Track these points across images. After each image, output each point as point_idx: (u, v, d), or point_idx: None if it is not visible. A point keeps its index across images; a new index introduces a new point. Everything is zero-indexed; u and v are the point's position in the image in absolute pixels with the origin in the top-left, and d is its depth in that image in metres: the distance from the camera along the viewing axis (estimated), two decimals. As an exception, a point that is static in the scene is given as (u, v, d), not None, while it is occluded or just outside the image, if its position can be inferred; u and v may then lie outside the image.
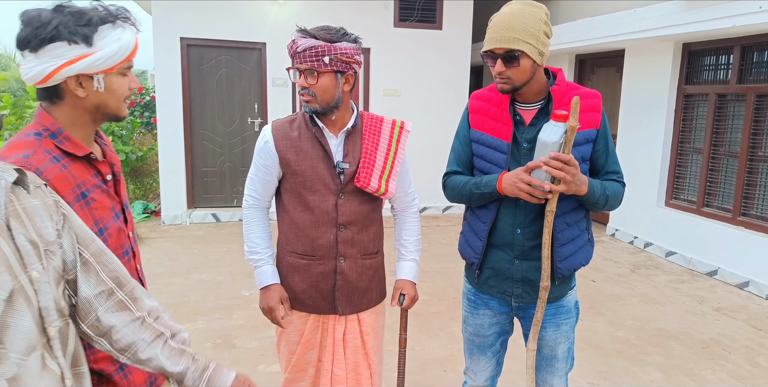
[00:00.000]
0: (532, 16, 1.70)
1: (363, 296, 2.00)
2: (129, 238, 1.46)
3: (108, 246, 1.30)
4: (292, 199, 1.93)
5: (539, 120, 1.81)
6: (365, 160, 1.92)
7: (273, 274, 1.96)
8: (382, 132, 1.99)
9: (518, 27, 1.68)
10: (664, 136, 5.79)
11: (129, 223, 1.47)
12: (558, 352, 1.95)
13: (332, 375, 1.99)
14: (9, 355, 0.92)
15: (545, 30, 1.72)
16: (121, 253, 1.40)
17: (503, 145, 1.83)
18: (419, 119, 7.22)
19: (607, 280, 4.96)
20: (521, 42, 1.68)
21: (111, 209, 1.39)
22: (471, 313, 2.03)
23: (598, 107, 1.84)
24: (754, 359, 3.48)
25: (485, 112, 1.89)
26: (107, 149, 1.46)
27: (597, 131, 1.83)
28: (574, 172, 1.65)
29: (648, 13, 5.18)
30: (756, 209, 4.93)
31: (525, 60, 1.71)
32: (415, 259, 2.10)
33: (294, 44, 1.79)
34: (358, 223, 1.95)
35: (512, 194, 1.74)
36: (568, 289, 1.94)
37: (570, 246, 1.84)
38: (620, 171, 1.90)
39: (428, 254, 5.58)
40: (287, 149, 1.90)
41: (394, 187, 2.00)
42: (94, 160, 1.36)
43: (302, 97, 1.85)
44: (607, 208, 1.86)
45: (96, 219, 1.33)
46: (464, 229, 2.02)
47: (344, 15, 6.76)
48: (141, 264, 1.52)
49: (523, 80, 1.75)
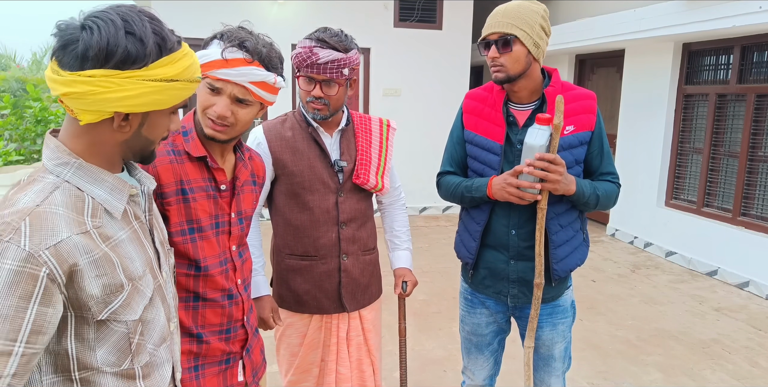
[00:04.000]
0: (529, 9, 1.73)
1: (365, 292, 2.01)
2: (230, 251, 1.46)
3: (198, 250, 1.37)
4: (288, 201, 1.92)
5: (533, 121, 1.82)
6: (362, 157, 1.94)
7: (264, 284, 1.93)
8: (372, 130, 2.01)
9: (512, 14, 1.72)
10: (664, 136, 5.79)
11: (234, 237, 1.47)
12: (555, 352, 1.96)
13: (337, 374, 1.99)
14: (146, 346, 1.05)
15: (542, 24, 1.74)
16: (218, 262, 1.42)
17: (496, 146, 1.83)
18: (419, 119, 7.22)
19: (607, 280, 4.96)
20: (515, 27, 1.71)
21: (212, 216, 1.41)
22: (468, 312, 2.04)
23: (592, 109, 1.84)
24: (754, 359, 3.48)
25: (479, 112, 1.89)
26: (244, 163, 1.51)
27: (592, 133, 1.83)
28: (561, 171, 1.67)
29: (648, 13, 5.17)
30: (756, 209, 4.93)
31: (519, 47, 1.72)
32: (409, 248, 2.15)
33: (313, 55, 1.74)
34: (357, 220, 1.96)
35: (502, 198, 1.77)
36: (564, 289, 1.94)
37: (565, 247, 1.85)
38: (615, 172, 1.90)
39: (428, 254, 5.57)
40: (282, 150, 1.89)
41: (388, 182, 2.02)
42: (212, 167, 1.41)
43: (313, 105, 1.82)
44: (599, 208, 1.87)
45: (189, 217, 1.37)
46: (459, 229, 2.03)
47: (344, 15, 6.76)
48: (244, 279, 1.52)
49: (517, 70, 1.75)
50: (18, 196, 0.92)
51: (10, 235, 0.86)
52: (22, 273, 0.85)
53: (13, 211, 0.89)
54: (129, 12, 0.93)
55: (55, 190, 0.94)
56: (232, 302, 1.45)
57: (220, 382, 1.44)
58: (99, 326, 0.96)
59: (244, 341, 1.51)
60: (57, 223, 0.90)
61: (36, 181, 0.95)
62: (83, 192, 0.97)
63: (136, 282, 1.01)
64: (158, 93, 0.95)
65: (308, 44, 1.77)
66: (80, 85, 0.89)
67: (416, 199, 7.15)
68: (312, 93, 1.80)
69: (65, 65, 0.90)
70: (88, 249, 0.92)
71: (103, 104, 0.92)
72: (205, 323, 1.41)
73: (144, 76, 0.92)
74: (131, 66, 0.91)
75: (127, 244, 1.01)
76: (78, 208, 0.95)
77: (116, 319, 0.97)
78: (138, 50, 0.91)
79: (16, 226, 0.87)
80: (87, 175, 0.98)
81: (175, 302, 1.18)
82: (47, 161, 0.97)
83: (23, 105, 7.02)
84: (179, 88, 0.98)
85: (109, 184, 1.00)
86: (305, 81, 1.82)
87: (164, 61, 0.94)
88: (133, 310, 1.00)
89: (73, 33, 0.90)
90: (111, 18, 0.91)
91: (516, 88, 1.81)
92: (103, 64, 0.89)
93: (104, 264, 0.94)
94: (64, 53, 0.90)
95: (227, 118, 1.35)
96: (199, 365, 1.41)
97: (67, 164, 0.96)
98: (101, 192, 0.99)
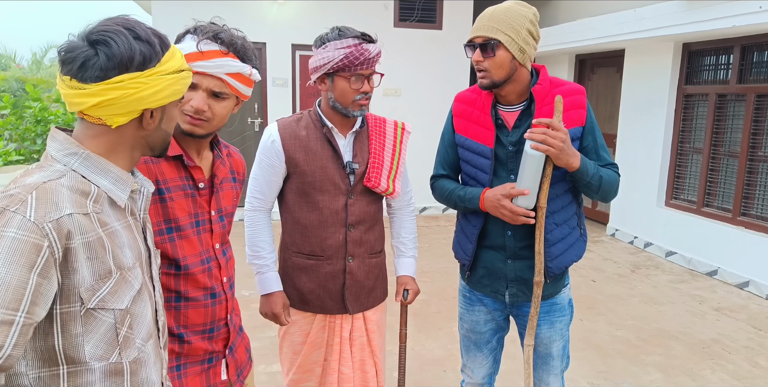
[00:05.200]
0: (517, 13, 1.71)
1: (369, 295, 2.01)
2: (214, 249, 1.46)
3: (177, 249, 1.37)
4: (298, 200, 1.92)
5: (523, 122, 1.80)
6: (374, 160, 1.93)
7: (276, 281, 1.95)
8: (386, 133, 2.00)
9: (499, 18, 1.70)
10: (664, 136, 5.79)
11: (216, 235, 1.46)
12: (553, 350, 1.96)
13: (339, 374, 1.99)
14: (135, 340, 1.06)
15: (530, 28, 1.72)
16: (198, 261, 1.41)
17: (487, 150, 1.82)
18: (419, 119, 7.21)
19: (607, 280, 4.96)
20: (500, 32, 1.69)
21: (191, 215, 1.41)
22: (466, 310, 2.04)
23: (582, 104, 1.81)
24: (754, 359, 3.48)
25: (468, 115, 1.88)
26: (222, 161, 1.50)
27: (583, 128, 1.81)
28: (563, 137, 1.63)
29: (648, 13, 5.17)
30: (756, 209, 4.93)
31: (502, 51, 1.71)
32: (414, 256, 2.13)
33: (365, 51, 1.78)
34: (365, 223, 1.95)
35: (495, 215, 1.78)
36: (562, 287, 1.94)
37: (560, 245, 1.84)
38: (614, 163, 1.87)
39: (428, 254, 5.57)
40: (296, 148, 1.89)
41: (400, 186, 2.01)
42: (189, 165, 1.40)
43: (361, 102, 1.85)
44: (602, 194, 1.80)
45: (167, 217, 1.37)
46: (456, 230, 2.04)
47: (344, 15, 6.76)
48: (229, 277, 1.51)
49: (501, 75, 1.73)
50: (22, 179, 0.97)
51: (16, 206, 0.89)
52: (27, 242, 0.87)
53: (19, 186, 0.93)
54: (125, 21, 1.02)
55: (62, 176, 0.98)
56: (215, 301, 1.45)
57: (202, 382, 1.44)
58: (86, 318, 0.97)
59: (227, 340, 1.51)
60: (62, 199, 0.94)
61: (43, 168, 1.00)
62: (89, 181, 1.02)
63: (125, 272, 1.03)
64: (174, 84, 1.06)
65: (352, 43, 1.78)
66: (112, 92, 0.98)
67: (416, 199, 7.12)
68: (362, 89, 1.82)
69: (89, 79, 0.98)
70: (85, 230, 0.96)
71: (135, 104, 1.01)
72: (187, 323, 1.41)
73: (161, 72, 1.03)
74: (149, 65, 1.01)
75: (122, 233, 1.05)
76: (83, 192, 0.99)
77: (104, 306, 0.99)
78: (150, 51, 1.01)
79: (23, 198, 0.90)
80: (94, 166, 1.03)
81: (162, 301, 1.20)
82: (55, 152, 1.02)
83: (23, 105, 7.02)
84: (186, 76, 1.09)
85: (114, 174, 1.05)
86: (356, 80, 1.81)
87: (168, 56, 1.05)
88: (120, 299, 1.02)
89: (87, 50, 0.97)
90: (116, 29, 0.99)
91: (503, 92, 1.80)
92: (127, 68, 0.99)
93: (97, 247, 0.98)
94: (84, 69, 0.97)
95: (204, 112, 1.36)
96: (181, 365, 1.40)
97: (75, 154, 1.01)
98: (106, 182, 1.04)
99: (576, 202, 1.89)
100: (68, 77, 0.99)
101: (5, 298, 0.84)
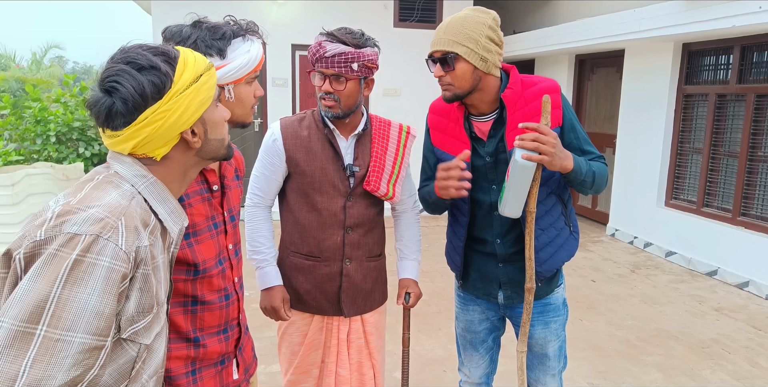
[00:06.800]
0: (474, 21, 1.64)
1: (367, 298, 2.00)
2: (228, 250, 1.46)
3: (197, 254, 1.36)
4: (298, 200, 1.92)
5: (497, 131, 1.77)
6: (375, 163, 1.92)
7: (276, 275, 1.95)
8: (390, 136, 1.98)
9: (454, 29, 1.64)
10: (664, 136, 5.79)
11: (229, 235, 1.46)
12: (549, 351, 1.95)
13: (336, 375, 1.99)
14: (143, 375, 1.04)
15: (489, 35, 1.65)
16: (215, 263, 1.40)
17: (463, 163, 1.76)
18: (419, 119, 7.19)
19: (607, 280, 4.96)
20: (456, 44, 1.63)
21: (208, 218, 1.40)
22: (462, 309, 2.04)
23: (557, 103, 1.74)
24: (754, 359, 3.48)
25: (443, 128, 1.86)
26: (228, 161, 1.49)
27: (561, 128, 1.76)
28: (553, 142, 1.55)
29: (648, 13, 5.17)
30: (756, 209, 4.93)
31: (462, 64, 1.65)
32: (417, 259, 2.11)
33: (321, 48, 1.75)
34: (364, 226, 1.94)
35: (448, 196, 1.69)
36: (555, 287, 1.93)
37: (548, 249, 1.81)
38: (598, 153, 1.81)
39: (428, 254, 5.58)
40: (297, 148, 1.88)
41: (401, 191, 2.00)
42: (204, 169, 1.39)
43: (324, 102, 1.82)
44: (595, 188, 1.76)
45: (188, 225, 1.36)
46: (447, 236, 2.02)
47: (344, 15, 6.76)
48: (239, 276, 1.51)
49: (465, 88, 1.68)
50: (97, 193, 0.95)
51: (109, 233, 0.89)
52: (119, 272, 0.89)
53: (103, 207, 0.92)
54: (124, 55, 0.99)
55: (132, 198, 0.98)
56: (228, 302, 1.45)
57: (216, 383, 1.45)
58: (114, 346, 0.96)
59: (238, 340, 1.52)
60: (140, 228, 0.95)
61: (113, 184, 0.99)
62: (150, 208, 1.02)
63: (159, 308, 1.03)
64: (198, 94, 1.02)
65: (319, 39, 1.79)
66: (144, 130, 0.98)
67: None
68: (322, 88, 1.80)
69: (118, 126, 0.98)
70: (147, 261, 0.96)
71: (169, 132, 1.00)
72: (203, 326, 1.41)
73: (179, 90, 0.99)
74: (164, 91, 0.98)
75: (161, 268, 1.04)
76: (144, 222, 0.99)
77: (135, 339, 0.99)
78: (158, 76, 0.98)
79: (114, 225, 0.90)
80: (157, 193, 1.03)
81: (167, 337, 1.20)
82: (125, 171, 1.01)
83: (23, 105, 7.01)
84: (206, 80, 1.04)
85: (172, 205, 1.06)
86: (318, 77, 1.82)
87: (179, 71, 1.01)
88: (149, 334, 1.02)
89: (105, 101, 0.97)
90: (119, 69, 0.97)
91: (471, 102, 1.75)
92: (146, 104, 0.97)
93: (149, 280, 0.98)
94: (110, 119, 0.98)
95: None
96: (197, 369, 1.40)
97: (145, 177, 1.02)
98: (163, 211, 1.04)
99: (561, 202, 1.85)
100: (102, 129, 1.01)
101: (99, 327, 0.87)
